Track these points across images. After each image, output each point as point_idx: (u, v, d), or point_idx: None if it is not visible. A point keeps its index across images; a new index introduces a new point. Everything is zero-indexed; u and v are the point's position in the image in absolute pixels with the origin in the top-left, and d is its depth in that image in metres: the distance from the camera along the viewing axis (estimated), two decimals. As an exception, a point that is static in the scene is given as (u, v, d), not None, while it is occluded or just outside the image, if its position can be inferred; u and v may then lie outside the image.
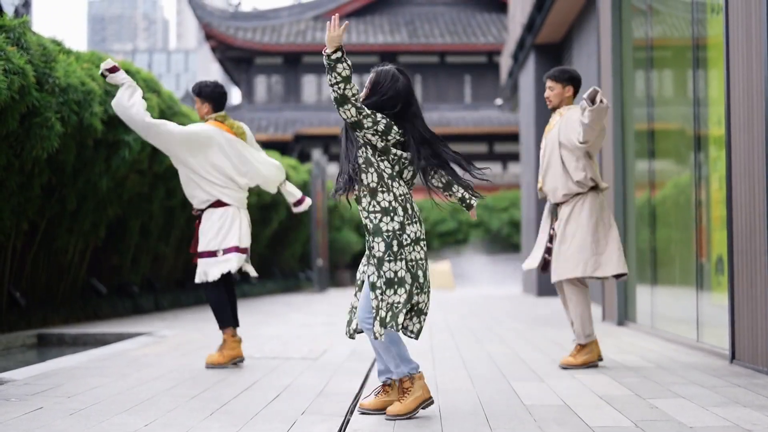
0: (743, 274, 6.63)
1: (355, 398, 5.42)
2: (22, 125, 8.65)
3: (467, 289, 26.94)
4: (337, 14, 4.74)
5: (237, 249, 6.89)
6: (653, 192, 9.56)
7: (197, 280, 6.92)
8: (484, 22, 39.49)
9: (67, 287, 11.18)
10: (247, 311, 13.98)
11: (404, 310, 4.69)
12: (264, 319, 12.10)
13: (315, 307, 15.20)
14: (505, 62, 24.14)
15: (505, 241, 34.28)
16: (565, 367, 6.68)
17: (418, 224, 4.79)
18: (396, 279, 4.68)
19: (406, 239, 4.72)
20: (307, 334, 9.63)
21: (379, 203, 4.74)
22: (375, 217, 4.74)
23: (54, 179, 9.86)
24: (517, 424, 4.58)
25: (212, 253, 6.85)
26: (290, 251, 22.80)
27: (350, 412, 4.97)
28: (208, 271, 6.86)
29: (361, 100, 4.72)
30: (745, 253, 6.57)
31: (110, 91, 10.49)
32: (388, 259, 4.69)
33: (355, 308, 4.97)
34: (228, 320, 6.92)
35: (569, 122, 6.65)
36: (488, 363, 7.08)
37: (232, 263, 6.84)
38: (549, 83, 6.76)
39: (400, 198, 4.76)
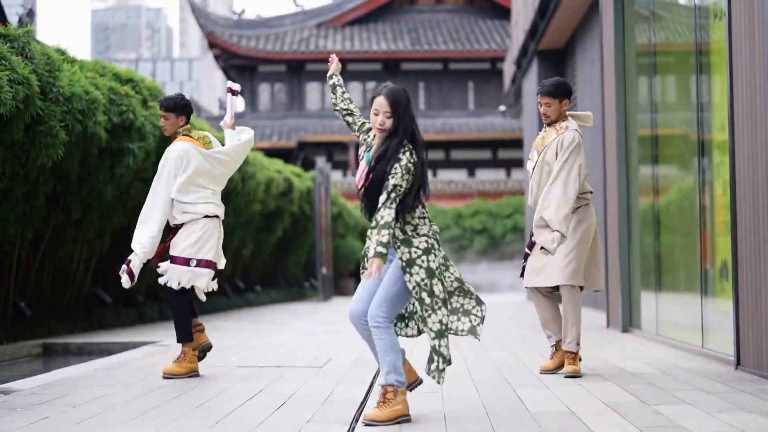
0: (748, 279, 6.62)
1: (360, 406, 5.41)
2: (26, 134, 8.68)
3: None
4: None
5: (210, 265, 6.82)
6: (657, 198, 9.56)
7: (166, 282, 6.75)
8: (487, 29, 39.53)
9: (72, 297, 11.19)
10: (251, 320, 13.99)
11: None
12: (268, 328, 12.10)
13: (319, 316, 15.20)
14: (509, 69, 24.16)
15: (509, 247, 34.27)
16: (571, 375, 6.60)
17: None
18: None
19: None
20: (311, 342, 9.63)
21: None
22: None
23: (58, 187, 9.87)
24: (521, 431, 4.57)
25: (186, 261, 6.73)
26: (294, 259, 22.81)
27: (355, 419, 4.97)
28: (179, 278, 6.74)
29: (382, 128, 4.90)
30: (750, 259, 6.57)
31: (114, 100, 10.52)
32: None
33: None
34: (190, 334, 6.89)
35: (560, 149, 6.61)
36: (493, 370, 7.08)
37: (202, 279, 6.78)
38: (546, 100, 6.63)
39: None
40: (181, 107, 6.88)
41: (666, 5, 9.30)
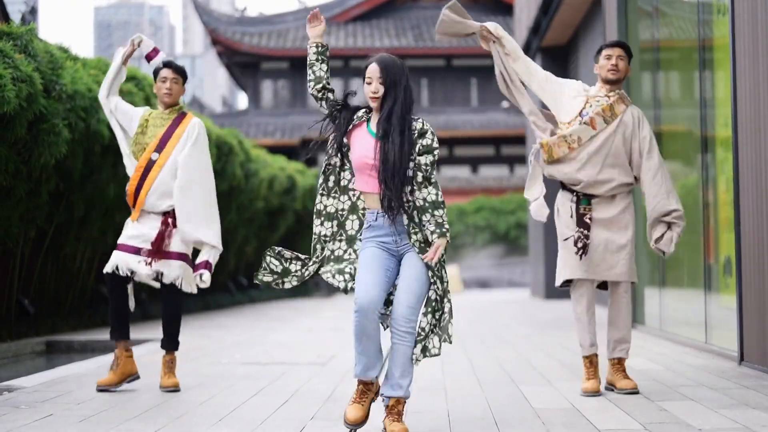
0: (751, 275, 6.62)
1: (363, 403, 5.41)
2: (29, 132, 8.68)
3: (475, 292, 26.91)
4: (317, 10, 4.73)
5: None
6: (661, 194, 9.54)
7: (178, 281, 6.06)
8: (490, 25, 39.50)
9: (76, 295, 11.20)
10: (255, 317, 14.00)
11: None
12: (272, 325, 12.11)
13: (323, 313, 15.21)
14: (512, 65, 24.09)
15: (513, 243, 34.26)
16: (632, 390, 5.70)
17: None
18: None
19: None
20: (314, 340, 9.63)
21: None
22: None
23: (62, 185, 9.87)
24: (526, 428, 4.57)
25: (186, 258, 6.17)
26: (298, 256, 22.79)
27: (359, 417, 4.96)
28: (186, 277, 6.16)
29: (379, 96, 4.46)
30: (754, 255, 6.56)
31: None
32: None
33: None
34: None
35: (640, 125, 5.88)
36: (497, 367, 7.08)
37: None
38: (620, 52, 5.85)
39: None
40: (186, 77, 6.30)
41: (669, 1, 9.28)
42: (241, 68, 37.84)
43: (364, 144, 4.50)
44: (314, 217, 4.70)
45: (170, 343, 6.14)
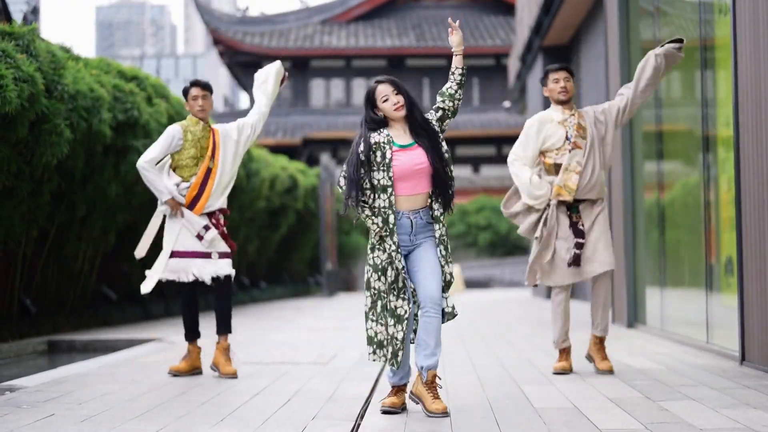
0: (753, 275, 6.62)
1: (365, 403, 5.42)
2: (31, 132, 8.69)
3: (476, 292, 26.91)
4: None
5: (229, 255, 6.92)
6: (662, 193, 9.55)
7: (226, 272, 6.76)
8: (492, 25, 39.50)
9: (77, 294, 11.21)
10: (256, 316, 14.00)
11: None
12: (273, 325, 12.11)
13: (324, 312, 15.21)
14: (513, 65, 24.15)
15: (514, 243, 34.27)
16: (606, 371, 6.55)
17: None
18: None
19: None
20: (316, 339, 9.64)
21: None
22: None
23: (63, 185, 9.89)
24: (526, 427, 4.58)
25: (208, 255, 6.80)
26: (299, 256, 22.81)
27: (360, 416, 4.98)
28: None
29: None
30: (755, 254, 6.56)
31: (119, 97, 10.53)
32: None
33: (397, 339, 5.01)
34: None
35: (599, 118, 6.64)
36: (498, 366, 7.08)
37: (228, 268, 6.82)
38: (566, 75, 6.64)
39: None
40: (212, 90, 7.00)
41: (670, 1, 9.29)
42: (242, 68, 37.85)
43: (407, 155, 5.04)
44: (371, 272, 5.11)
45: (226, 327, 6.80)
